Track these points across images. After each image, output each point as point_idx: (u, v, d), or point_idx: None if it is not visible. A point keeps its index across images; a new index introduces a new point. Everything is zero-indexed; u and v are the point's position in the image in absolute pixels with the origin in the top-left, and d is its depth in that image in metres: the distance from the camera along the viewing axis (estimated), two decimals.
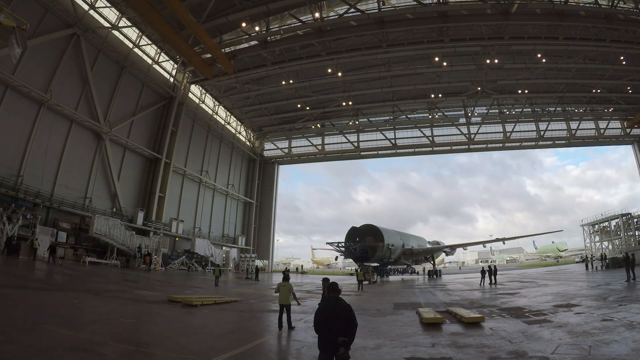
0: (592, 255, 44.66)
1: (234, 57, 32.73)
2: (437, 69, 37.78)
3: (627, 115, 45.57)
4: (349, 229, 35.21)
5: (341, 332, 3.94)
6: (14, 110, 23.26)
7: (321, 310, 4.22)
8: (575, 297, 13.35)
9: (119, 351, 6.24)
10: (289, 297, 8.99)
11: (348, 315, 4.08)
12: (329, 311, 4.13)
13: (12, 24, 12.86)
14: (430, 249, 44.82)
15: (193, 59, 31.31)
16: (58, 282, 14.73)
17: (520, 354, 6.28)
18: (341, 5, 30.49)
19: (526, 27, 31.25)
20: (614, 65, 36.45)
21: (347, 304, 4.22)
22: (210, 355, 6.26)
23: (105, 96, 30.08)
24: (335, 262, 75.18)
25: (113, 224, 27.22)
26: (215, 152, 45.40)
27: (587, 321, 8.62)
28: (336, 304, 4.21)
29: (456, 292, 20.32)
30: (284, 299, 8.92)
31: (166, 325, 9.25)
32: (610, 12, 28.69)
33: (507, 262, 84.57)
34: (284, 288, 9.05)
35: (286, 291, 9.01)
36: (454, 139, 49.63)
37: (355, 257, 34.06)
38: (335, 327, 3.97)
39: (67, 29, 26.25)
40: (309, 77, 39.76)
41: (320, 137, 53.39)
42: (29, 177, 23.76)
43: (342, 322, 4.02)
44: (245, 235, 50.95)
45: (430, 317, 9.92)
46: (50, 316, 8.06)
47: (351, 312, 4.12)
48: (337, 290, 4.42)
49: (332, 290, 4.42)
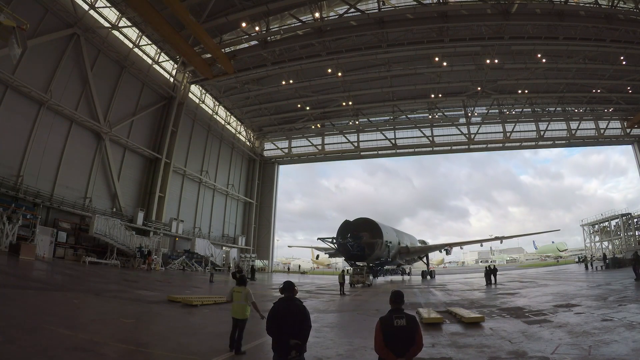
0: (592, 255, 44.69)
1: (234, 57, 32.73)
2: (437, 69, 37.76)
3: (627, 115, 45.56)
4: (341, 224, 30.79)
5: (294, 334, 3.78)
6: (14, 110, 23.23)
7: (272, 311, 4.02)
8: (575, 297, 13.35)
9: (119, 351, 6.24)
10: (246, 308, 6.58)
11: (301, 317, 3.93)
12: (280, 312, 3.96)
13: (12, 24, 12.85)
14: (427, 248, 42.78)
15: (193, 59, 31.33)
16: (58, 282, 14.73)
17: (520, 354, 6.29)
18: (341, 5, 30.49)
19: (526, 27, 31.24)
20: (614, 65, 36.44)
21: (301, 305, 4.07)
22: (210, 355, 6.27)
23: (105, 96, 30.07)
24: (335, 262, 75.17)
25: (113, 224, 27.19)
26: (215, 152, 45.40)
27: (587, 321, 8.62)
28: (289, 305, 4.03)
29: (456, 292, 20.32)
30: (238, 310, 6.58)
31: (166, 325, 9.25)
32: (610, 12, 28.68)
33: (507, 262, 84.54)
34: (239, 295, 6.70)
35: (242, 299, 6.61)
36: (454, 139, 49.62)
37: (350, 255, 29.89)
38: (287, 328, 3.80)
39: (67, 29, 26.24)
40: (309, 77, 39.75)
41: (320, 137, 53.38)
42: (29, 177, 23.75)
43: (295, 324, 3.85)
44: (245, 235, 50.94)
45: (430, 317, 9.93)
46: (50, 316, 8.05)
47: (304, 313, 3.98)
48: (292, 290, 4.20)
49: (286, 290, 4.20)
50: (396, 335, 3.50)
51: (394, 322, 3.56)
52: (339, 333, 9.11)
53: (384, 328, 3.56)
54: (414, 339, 3.51)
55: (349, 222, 30.68)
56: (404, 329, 3.53)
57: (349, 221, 30.72)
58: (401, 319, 3.58)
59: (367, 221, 30.98)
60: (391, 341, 3.47)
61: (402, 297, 3.81)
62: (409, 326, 3.55)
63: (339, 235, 30.22)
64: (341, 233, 30.14)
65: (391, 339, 3.48)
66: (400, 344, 3.46)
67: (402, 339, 3.49)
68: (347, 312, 13.12)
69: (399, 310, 3.68)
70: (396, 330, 3.52)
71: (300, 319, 3.92)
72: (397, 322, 3.56)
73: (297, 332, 3.83)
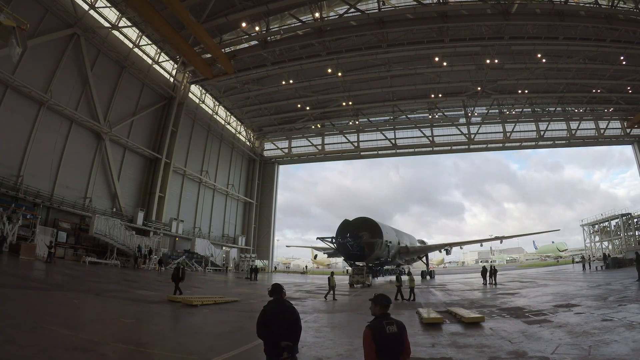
0: (589, 255, 44.66)
1: (234, 57, 32.72)
2: (437, 69, 37.76)
3: (627, 115, 45.57)
4: (340, 223, 30.66)
5: (284, 336, 3.73)
6: (14, 110, 23.24)
7: (262, 313, 3.96)
8: (575, 297, 13.35)
9: (119, 351, 6.24)
10: None
11: (292, 318, 3.88)
12: (269, 314, 3.90)
13: (12, 24, 12.87)
14: (427, 247, 42.44)
15: (193, 59, 31.32)
16: (58, 282, 14.73)
17: (520, 354, 6.29)
18: (341, 5, 30.49)
19: (526, 27, 31.24)
20: (614, 65, 36.44)
21: (291, 307, 4.02)
22: (210, 355, 6.27)
23: (105, 96, 30.08)
24: (335, 262, 75.13)
25: (113, 224, 27.20)
26: (215, 152, 45.40)
27: (587, 321, 8.62)
28: (279, 307, 3.97)
29: (456, 292, 20.32)
30: None
31: (166, 325, 9.26)
32: (610, 12, 28.68)
33: (507, 262, 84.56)
34: None
35: None
36: (454, 139, 49.63)
37: (350, 255, 29.72)
38: (278, 330, 3.76)
39: (67, 29, 26.24)
40: (309, 77, 39.76)
41: (320, 137, 53.38)
42: (29, 177, 23.75)
43: (285, 326, 3.80)
44: (245, 235, 50.95)
45: (430, 317, 9.94)
46: (50, 316, 8.05)
47: (294, 314, 3.93)
48: (280, 292, 4.12)
49: (275, 292, 4.11)
50: (389, 343, 3.19)
51: (386, 329, 3.22)
52: (339, 333, 9.10)
53: (375, 337, 3.19)
54: (403, 344, 3.26)
55: (348, 221, 30.41)
56: (396, 335, 3.22)
57: (348, 220, 30.46)
58: (392, 325, 3.26)
59: (367, 220, 30.70)
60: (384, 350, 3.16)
61: (389, 301, 3.46)
62: (400, 332, 3.25)
63: (338, 235, 29.88)
64: (340, 232, 29.85)
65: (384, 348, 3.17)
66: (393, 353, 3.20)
67: (394, 346, 3.21)
68: (347, 312, 13.12)
69: (388, 316, 3.36)
70: (389, 337, 3.20)
71: (290, 321, 3.86)
72: (389, 328, 3.23)
73: (288, 334, 3.76)
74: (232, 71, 33.90)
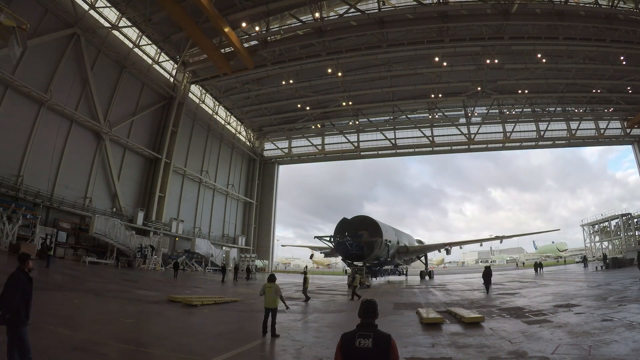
0: (586, 256, 44.61)
1: (255, 51, 33.26)
2: (437, 69, 37.75)
3: (627, 115, 45.55)
4: (339, 221, 29.79)
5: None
6: (14, 110, 23.24)
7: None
8: (575, 297, 13.35)
9: (119, 351, 6.24)
10: (276, 299, 8.36)
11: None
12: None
13: (12, 24, 12.88)
14: (426, 247, 41.85)
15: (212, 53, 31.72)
16: (58, 282, 14.73)
17: (520, 354, 6.28)
18: (341, 5, 30.48)
19: (526, 27, 31.24)
20: (614, 65, 36.44)
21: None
22: (210, 355, 6.27)
23: (105, 96, 30.07)
24: (335, 262, 75.07)
25: (113, 224, 27.19)
26: (215, 152, 45.39)
27: (587, 321, 8.62)
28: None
29: (456, 292, 20.31)
30: (270, 301, 8.25)
31: (166, 325, 9.25)
32: (610, 12, 28.69)
33: (507, 262, 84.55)
34: (270, 290, 8.39)
35: (272, 293, 8.35)
36: (454, 139, 49.61)
37: (349, 254, 28.64)
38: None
39: (67, 29, 26.24)
40: (309, 77, 39.74)
41: (320, 137, 53.39)
42: (29, 177, 23.75)
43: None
44: (245, 235, 50.94)
45: (430, 317, 9.93)
46: (50, 316, 8.06)
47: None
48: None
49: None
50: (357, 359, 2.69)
51: (357, 342, 2.72)
52: (339, 333, 9.07)
53: (343, 349, 2.75)
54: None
55: (346, 220, 29.66)
56: (368, 351, 2.66)
57: (346, 219, 29.72)
58: (366, 338, 2.70)
59: (366, 219, 30.16)
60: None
61: (373, 309, 2.92)
62: (375, 349, 2.66)
63: (336, 234, 28.90)
64: (339, 231, 28.99)
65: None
66: None
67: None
68: (347, 312, 13.11)
69: (368, 327, 2.81)
70: (357, 352, 2.69)
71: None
72: (360, 342, 2.71)
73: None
74: (252, 66, 34.17)
